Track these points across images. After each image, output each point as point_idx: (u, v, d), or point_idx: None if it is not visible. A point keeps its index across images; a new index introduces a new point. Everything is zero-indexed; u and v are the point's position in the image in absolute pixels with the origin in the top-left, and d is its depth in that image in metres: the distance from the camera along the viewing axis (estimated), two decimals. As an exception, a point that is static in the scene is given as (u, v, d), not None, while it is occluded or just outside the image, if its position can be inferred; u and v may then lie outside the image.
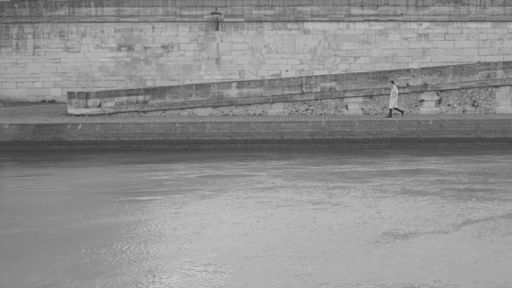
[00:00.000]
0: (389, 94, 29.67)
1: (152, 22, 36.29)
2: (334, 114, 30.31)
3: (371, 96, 30.49)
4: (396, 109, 29.09)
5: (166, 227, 12.47)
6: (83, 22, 36.26)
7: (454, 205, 14.32)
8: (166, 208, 14.31)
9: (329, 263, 10.00)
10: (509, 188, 16.47)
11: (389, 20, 36.27)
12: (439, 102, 30.53)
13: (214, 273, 9.59)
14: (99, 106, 30.12)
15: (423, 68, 31.28)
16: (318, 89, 30.41)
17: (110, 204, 14.92)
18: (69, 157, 24.42)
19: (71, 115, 29.89)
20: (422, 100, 30.53)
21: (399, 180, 17.86)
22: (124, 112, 30.12)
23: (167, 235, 11.84)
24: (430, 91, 30.52)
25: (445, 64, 35.13)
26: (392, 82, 29.40)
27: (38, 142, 26.72)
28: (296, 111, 30.41)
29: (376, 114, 30.30)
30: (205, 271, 9.69)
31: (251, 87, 30.45)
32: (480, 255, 10.38)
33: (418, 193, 15.83)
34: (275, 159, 23.08)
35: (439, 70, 30.57)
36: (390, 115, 28.87)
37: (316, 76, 30.94)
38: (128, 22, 36.29)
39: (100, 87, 35.49)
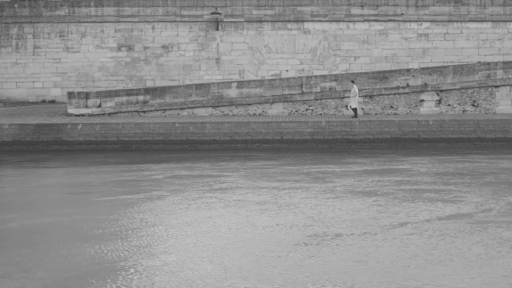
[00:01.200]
0: (389, 94, 29.65)
1: (152, 22, 36.29)
2: (334, 114, 30.31)
3: (371, 96, 30.49)
4: (354, 108, 28.95)
5: (104, 226, 12.62)
6: (83, 22, 36.26)
7: (399, 206, 14.28)
8: (113, 208, 14.46)
9: (235, 265, 10.02)
10: (467, 189, 16.42)
11: (389, 20, 36.27)
12: (439, 102, 30.53)
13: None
14: (99, 106, 30.11)
15: (423, 68, 31.27)
16: (318, 89, 30.41)
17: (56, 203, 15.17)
18: (48, 157, 24.51)
19: (71, 115, 29.89)
20: (422, 100, 30.53)
21: (361, 180, 17.89)
22: (124, 112, 30.12)
23: (106, 234, 12.01)
24: (430, 91, 30.52)
25: (445, 64, 35.12)
26: (353, 82, 29.38)
27: (38, 142, 26.72)
28: (296, 111, 30.41)
29: (376, 114, 30.30)
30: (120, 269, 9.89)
31: (251, 87, 30.45)
32: (395, 258, 10.32)
33: (370, 193, 15.86)
34: (262, 159, 23.10)
35: (439, 70, 30.57)
36: (355, 115, 28.74)
37: (316, 76, 30.93)
38: (128, 22, 36.29)
39: (100, 87, 35.48)
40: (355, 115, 28.68)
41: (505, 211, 13.73)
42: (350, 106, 28.98)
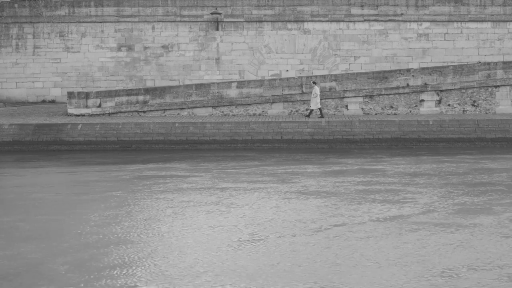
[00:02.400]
0: (389, 94, 29.65)
1: (152, 22, 36.29)
2: (334, 114, 30.31)
3: (371, 96, 30.49)
4: (309, 108, 28.86)
5: (54, 225, 12.81)
6: (83, 22, 36.26)
7: (345, 207, 14.30)
8: (65, 207, 14.63)
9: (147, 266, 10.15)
10: (424, 190, 16.41)
11: (389, 20, 36.27)
12: (439, 102, 30.53)
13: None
14: (99, 106, 30.11)
15: (423, 68, 31.27)
16: (318, 89, 30.39)
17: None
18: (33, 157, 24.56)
19: (71, 115, 29.88)
20: (422, 100, 30.53)
21: (325, 181, 17.93)
22: (124, 112, 30.12)
23: (59, 231, 12.26)
24: (430, 91, 30.52)
25: (445, 64, 35.13)
26: (314, 82, 29.38)
27: (38, 142, 26.72)
28: (296, 111, 30.41)
29: (376, 114, 30.30)
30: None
31: (251, 87, 30.45)
32: (307, 261, 10.32)
33: (324, 194, 15.87)
34: (249, 159, 23.14)
35: (439, 70, 30.57)
36: (321, 115, 28.68)
37: (316, 76, 30.93)
38: (128, 22, 36.29)
39: (100, 87, 35.49)
40: (322, 115, 28.61)
41: (448, 213, 13.69)
42: (310, 107, 28.91)
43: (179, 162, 22.46)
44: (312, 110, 28.82)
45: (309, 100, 30.08)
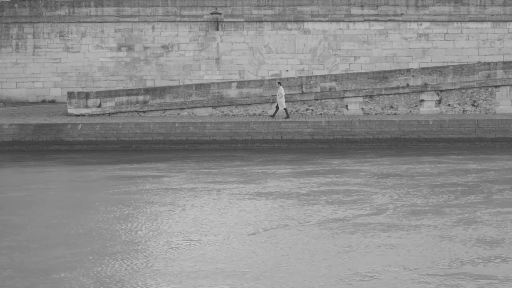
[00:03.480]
0: (389, 94, 29.65)
1: (152, 22, 36.28)
2: (334, 114, 30.31)
3: (371, 96, 30.49)
4: (276, 108, 28.80)
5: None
6: (83, 22, 36.25)
7: (294, 208, 14.25)
8: (24, 203, 14.88)
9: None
10: (384, 191, 16.34)
11: (389, 20, 36.26)
12: (439, 102, 30.53)
13: None
14: (99, 106, 30.11)
15: (423, 68, 31.26)
16: (318, 89, 30.41)
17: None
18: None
19: (71, 115, 29.88)
20: (422, 100, 30.52)
21: (291, 181, 17.95)
22: (124, 112, 30.11)
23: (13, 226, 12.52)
24: (430, 91, 30.51)
25: (445, 64, 35.11)
26: (279, 83, 29.36)
27: (38, 142, 26.71)
28: (296, 111, 30.41)
29: (376, 114, 30.30)
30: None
31: (251, 87, 30.44)
32: (222, 264, 10.31)
33: (281, 195, 15.86)
34: (235, 159, 23.18)
35: (439, 70, 30.57)
36: (287, 116, 28.62)
37: (316, 76, 30.93)
38: (128, 22, 36.28)
39: (100, 87, 35.47)
40: (287, 116, 28.53)
41: (397, 214, 13.62)
42: (277, 107, 28.83)
43: (161, 162, 22.52)
44: (276, 110, 28.77)
45: (309, 100, 30.06)
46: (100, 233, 12.34)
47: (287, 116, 28.56)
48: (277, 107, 28.89)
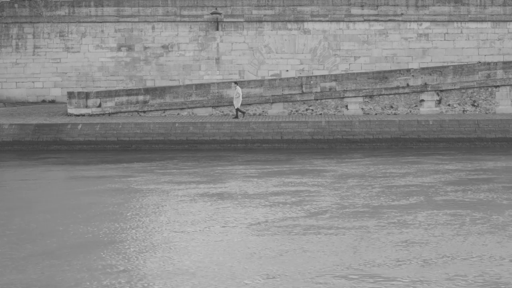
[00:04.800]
0: (389, 94, 29.65)
1: (152, 22, 36.28)
2: (334, 114, 30.31)
3: (371, 96, 30.49)
4: (238, 109, 28.83)
5: None
6: (83, 22, 36.25)
7: (234, 210, 14.20)
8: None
9: None
10: (339, 192, 16.29)
11: (389, 20, 36.26)
12: (439, 102, 30.53)
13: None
14: (99, 106, 30.11)
15: (423, 68, 31.27)
16: (318, 89, 30.41)
17: None
18: None
19: (71, 115, 29.88)
20: (422, 100, 30.52)
21: (252, 181, 17.96)
22: (124, 112, 30.11)
23: None
24: (430, 91, 30.51)
25: (445, 64, 35.11)
26: (236, 83, 29.44)
27: (38, 142, 26.72)
28: (296, 111, 30.41)
29: (376, 114, 30.30)
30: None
31: (251, 87, 30.44)
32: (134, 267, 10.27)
33: (237, 196, 15.82)
34: (216, 159, 23.21)
35: (439, 70, 30.57)
36: (236, 116, 28.63)
37: (316, 76, 30.93)
38: (128, 22, 36.28)
39: (100, 87, 35.47)
40: (236, 116, 28.57)
41: (336, 216, 13.52)
42: (238, 108, 28.81)
43: (136, 162, 22.56)
44: (238, 109, 28.79)
45: (309, 100, 30.08)
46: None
47: (236, 116, 28.58)
48: (236, 110, 28.84)
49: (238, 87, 29.01)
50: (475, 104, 30.61)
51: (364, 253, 10.79)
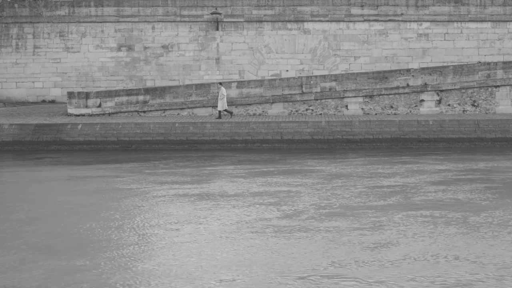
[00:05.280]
0: (389, 94, 29.65)
1: (152, 22, 36.28)
2: (334, 114, 30.31)
3: (371, 96, 30.48)
4: (225, 110, 28.80)
5: None
6: (83, 22, 36.25)
7: (212, 210, 14.16)
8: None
9: None
10: (319, 192, 16.20)
11: (389, 20, 36.26)
12: (439, 102, 30.53)
13: None
14: (99, 106, 30.11)
15: (423, 68, 31.26)
16: (318, 89, 30.41)
17: None
18: None
19: (71, 115, 29.88)
20: (422, 100, 30.52)
21: (237, 182, 17.90)
22: (124, 112, 30.11)
23: None
24: (430, 91, 30.51)
25: (445, 64, 35.12)
26: (220, 83, 29.43)
27: (38, 142, 26.72)
28: (296, 111, 30.41)
29: (376, 114, 30.30)
30: None
31: (251, 87, 30.44)
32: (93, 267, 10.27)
33: (212, 196, 15.79)
34: (208, 159, 23.23)
35: (439, 70, 30.57)
36: (219, 117, 28.62)
37: (316, 76, 30.93)
38: (128, 22, 36.28)
39: (100, 87, 35.48)
40: (219, 117, 28.56)
41: (312, 216, 13.47)
42: (226, 109, 28.82)
43: (129, 162, 22.55)
44: (221, 111, 28.80)
45: (309, 100, 30.07)
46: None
47: (219, 117, 28.57)
48: (224, 110, 28.84)
49: (222, 87, 29.00)
50: (475, 104, 30.61)
51: (331, 254, 10.71)
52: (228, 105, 29.92)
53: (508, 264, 10.19)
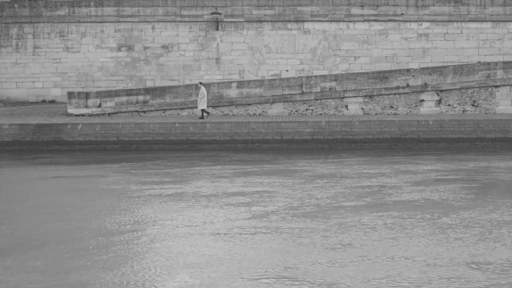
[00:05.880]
0: (389, 94, 29.65)
1: (152, 22, 36.28)
2: (334, 114, 30.31)
3: (371, 96, 30.49)
4: (203, 110, 28.81)
5: None
6: (83, 22, 36.25)
7: (181, 211, 14.06)
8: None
9: None
10: (294, 193, 16.13)
11: (389, 20, 36.26)
12: (439, 102, 30.53)
13: None
14: (99, 106, 30.11)
15: (423, 68, 31.26)
16: (318, 89, 30.41)
17: None
18: None
19: (71, 115, 29.88)
20: (422, 100, 30.52)
21: (218, 181, 17.84)
22: (124, 112, 30.11)
23: None
24: (430, 91, 30.51)
25: (445, 64, 35.11)
26: (200, 83, 29.50)
27: (38, 142, 26.72)
28: (296, 111, 30.40)
29: (376, 114, 30.30)
30: None
31: (251, 87, 30.44)
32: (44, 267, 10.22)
33: (189, 196, 15.71)
34: (199, 159, 23.18)
35: (439, 70, 30.57)
36: (202, 117, 28.64)
37: (316, 76, 30.93)
38: (128, 22, 36.28)
39: (100, 87, 35.47)
40: (202, 117, 28.55)
41: (281, 217, 13.36)
42: (204, 109, 28.80)
43: (120, 162, 22.53)
44: (203, 109, 28.80)
45: (309, 100, 30.07)
46: None
47: (201, 117, 28.58)
48: (201, 110, 28.86)
49: (202, 87, 29.02)
50: (475, 104, 30.61)
51: (290, 255, 10.59)
52: (228, 105, 29.91)
53: (461, 264, 10.09)
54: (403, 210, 14.00)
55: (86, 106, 30.05)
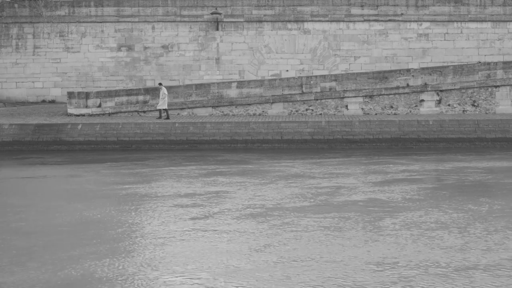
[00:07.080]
0: (389, 94, 29.66)
1: (152, 22, 36.28)
2: (334, 114, 30.31)
3: (371, 96, 30.49)
4: (164, 109, 28.78)
5: None
6: (83, 22, 36.25)
7: (151, 212, 13.95)
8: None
9: None
10: (267, 193, 15.99)
11: (389, 20, 36.27)
12: (439, 102, 30.53)
13: None
14: (99, 106, 30.11)
15: (423, 68, 31.27)
16: (318, 89, 30.41)
17: None
18: None
19: (71, 115, 29.88)
20: (422, 100, 30.53)
21: (190, 182, 17.75)
22: (124, 112, 30.12)
23: None
24: (430, 91, 30.52)
25: (445, 64, 35.11)
26: (160, 84, 29.76)
27: (38, 142, 26.72)
28: (296, 111, 30.41)
29: (376, 114, 30.30)
30: None
31: (251, 87, 30.45)
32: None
33: (139, 198, 15.61)
34: (185, 159, 23.15)
35: (439, 70, 30.57)
36: (160, 116, 28.67)
37: (316, 76, 30.93)
38: (128, 22, 36.28)
39: (100, 87, 35.48)
40: (160, 117, 28.57)
41: (236, 217, 13.25)
42: (165, 109, 28.79)
43: (103, 162, 22.51)
44: (161, 110, 28.81)
45: (309, 100, 30.08)
46: None
47: (160, 117, 28.62)
48: (163, 110, 28.86)
49: (163, 87, 29.13)
50: (475, 104, 30.61)
51: (218, 257, 10.40)
52: (228, 105, 29.93)
53: (388, 266, 9.85)
54: (345, 212, 13.65)
55: (86, 106, 30.05)
